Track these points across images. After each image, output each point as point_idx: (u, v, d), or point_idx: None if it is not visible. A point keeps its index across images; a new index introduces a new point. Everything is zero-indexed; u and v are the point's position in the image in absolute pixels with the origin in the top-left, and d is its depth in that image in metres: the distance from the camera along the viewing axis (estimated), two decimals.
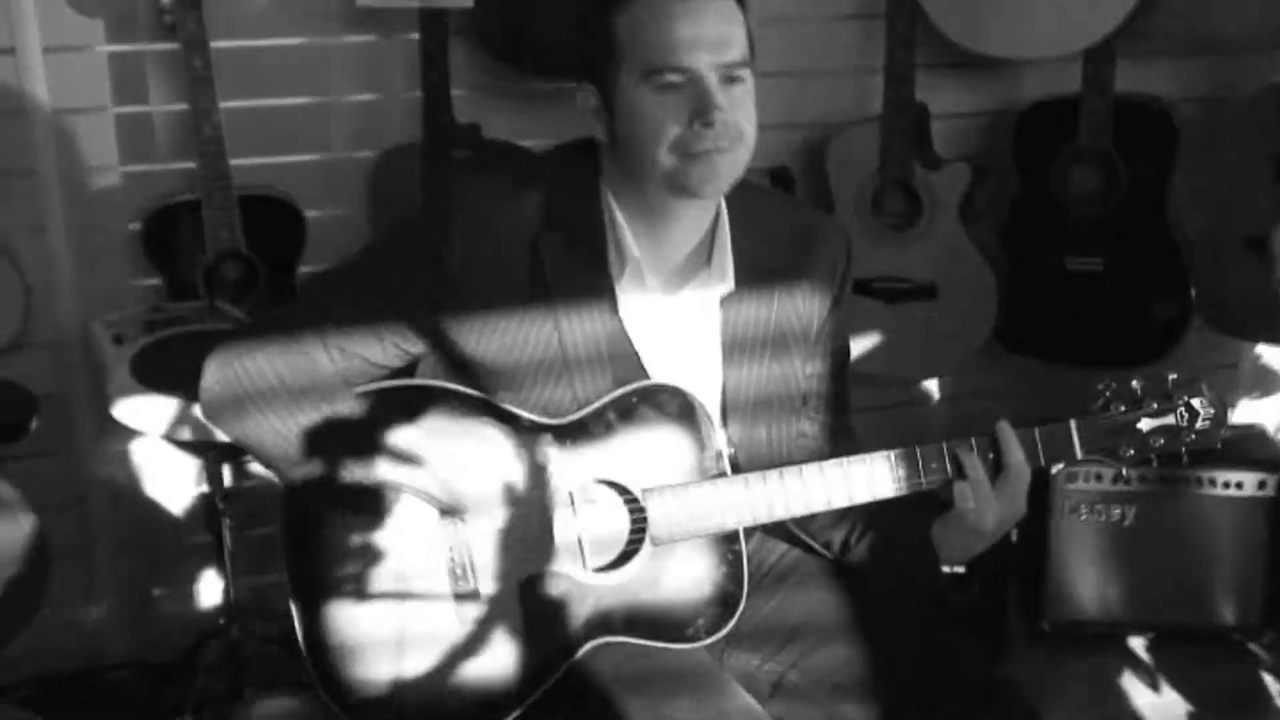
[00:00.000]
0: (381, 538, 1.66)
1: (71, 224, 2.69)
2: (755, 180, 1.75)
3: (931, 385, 3.31)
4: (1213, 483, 2.86)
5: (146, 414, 2.22)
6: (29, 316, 2.67)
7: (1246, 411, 3.33)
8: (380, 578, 1.66)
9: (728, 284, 1.72)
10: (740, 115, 1.60)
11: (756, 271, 1.73)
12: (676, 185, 1.61)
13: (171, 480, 2.85)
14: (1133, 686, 2.86)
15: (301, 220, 2.71)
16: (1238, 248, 2.97)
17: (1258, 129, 3.00)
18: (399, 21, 2.71)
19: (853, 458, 1.69)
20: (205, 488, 2.48)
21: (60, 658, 2.80)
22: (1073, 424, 1.71)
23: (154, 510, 2.89)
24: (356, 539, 1.66)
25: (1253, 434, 3.04)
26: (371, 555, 1.66)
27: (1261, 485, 2.85)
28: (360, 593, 1.66)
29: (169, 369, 2.26)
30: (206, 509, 2.49)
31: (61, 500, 2.80)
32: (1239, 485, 2.85)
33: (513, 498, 1.65)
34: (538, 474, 1.66)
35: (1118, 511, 2.89)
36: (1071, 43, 2.82)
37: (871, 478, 1.68)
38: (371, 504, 1.66)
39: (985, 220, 3.01)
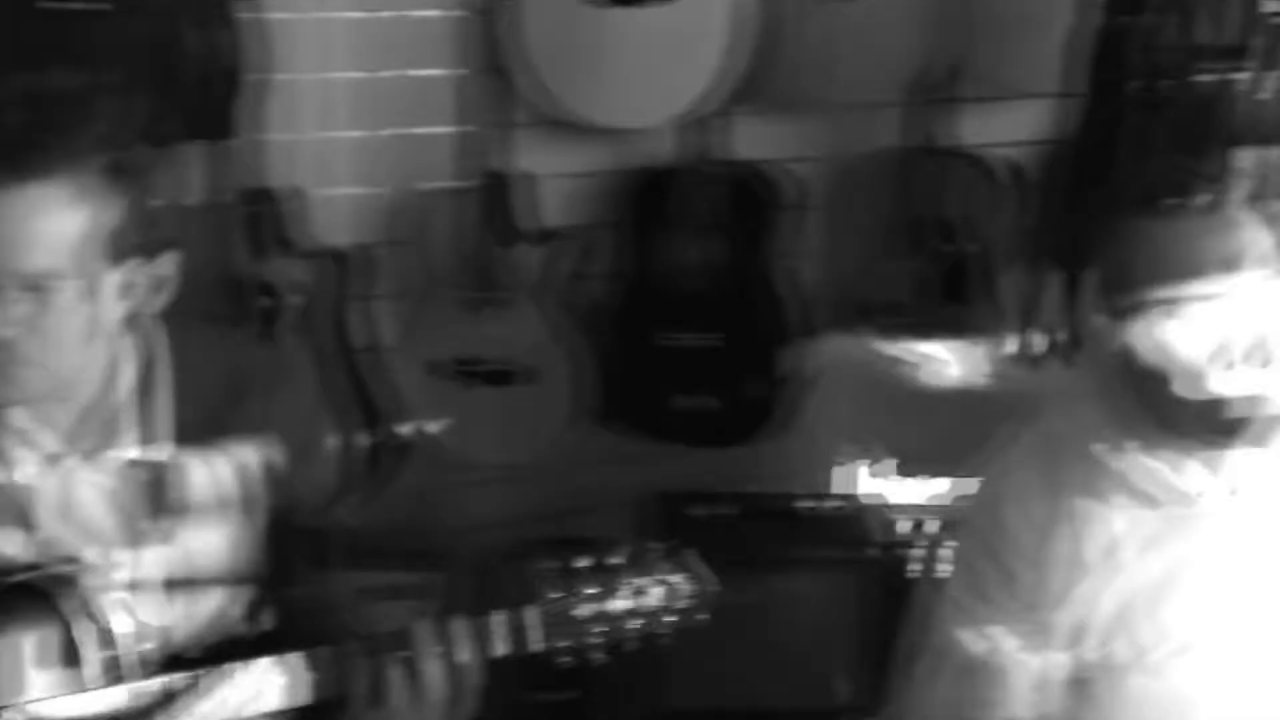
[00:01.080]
0: None
1: None
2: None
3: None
4: (795, 560, 2.73)
5: None
6: None
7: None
8: None
9: (149, 443, 1.50)
10: (40, 341, 1.35)
11: (184, 425, 1.52)
12: None
13: None
14: None
15: None
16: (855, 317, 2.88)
17: (877, 194, 2.90)
18: None
19: (239, 665, 1.45)
20: None
21: None
22: (533, 611, 1.49)
23: None
24: None
25: (847, 508, 2.91)
26: None
27: (847, 562, 2.72)
28: None
29: None
30: None
31: None
32: (823, 562, 2.74)
33: None
34: None
35: None
36: (659, 112, 2.68)
37: (261, 688, 1.46)
38: None
39: (580, 294, 2.85)
